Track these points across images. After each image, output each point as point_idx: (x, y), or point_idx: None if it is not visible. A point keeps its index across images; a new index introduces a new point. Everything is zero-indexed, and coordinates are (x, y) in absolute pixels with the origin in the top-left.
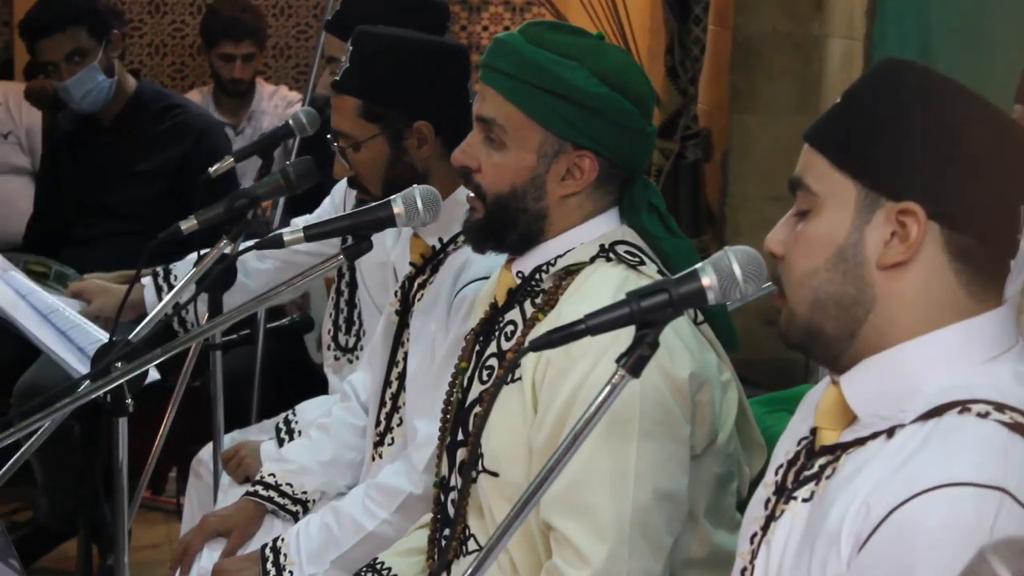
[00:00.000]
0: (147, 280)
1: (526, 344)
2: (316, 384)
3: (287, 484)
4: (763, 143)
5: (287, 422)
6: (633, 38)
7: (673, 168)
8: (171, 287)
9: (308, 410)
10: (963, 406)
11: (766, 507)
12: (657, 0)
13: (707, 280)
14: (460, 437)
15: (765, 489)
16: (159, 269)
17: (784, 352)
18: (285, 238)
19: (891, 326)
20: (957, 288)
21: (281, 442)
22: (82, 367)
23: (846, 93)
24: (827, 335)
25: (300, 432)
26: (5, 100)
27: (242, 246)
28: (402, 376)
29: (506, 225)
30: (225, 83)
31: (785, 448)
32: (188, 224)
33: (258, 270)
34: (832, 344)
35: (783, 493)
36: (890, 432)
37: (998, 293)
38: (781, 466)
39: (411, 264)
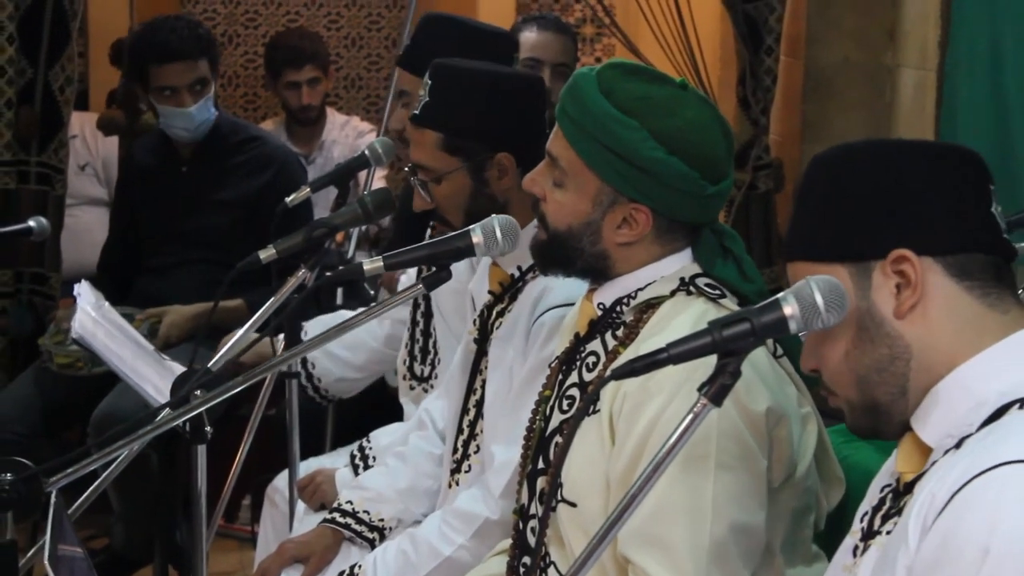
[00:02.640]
0: None
1: (608, 373)
2: (390, 412)
3: (364, 511)
4: None
5: (361, 449)
6: (705, 69)
7: (744, 199)
8: None
9: (382, 437)
10: (1022, 402)
11: (855, 554)
12: (729, 30)
13: (789, 309)
14: (541, 465)
15: (852, 537)
16: None
17: None
18: (365, 267)
19: (935, 360)
20: (976, 303)
21: (356, 469)
22: (160, 396)
23: (795, 199)
24: (882, 403)
25: (375, 459)
26: (82, 131)
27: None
28: (480, 404)
29: (567, 259)
30: (295, 112)
31: (870, 497)
32: (267, 253)
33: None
34: (891, 409)
35: (870, 536)
36: (958, 444)
37: (1015, 296)
38: (866, 513)
39: (490, 292)
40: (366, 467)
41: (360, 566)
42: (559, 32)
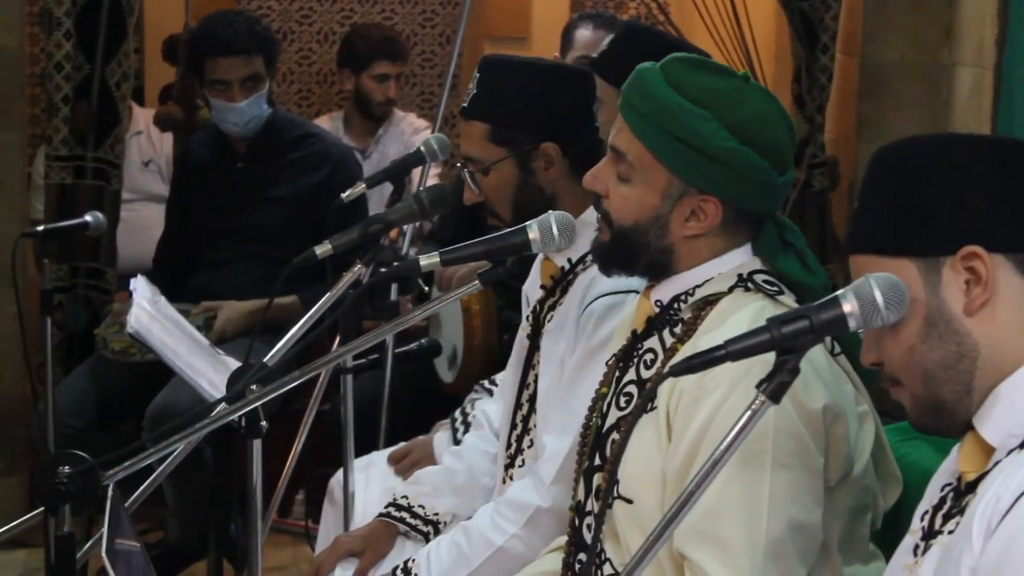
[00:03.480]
0: None
1: (666, 370)
2: (444, 408)
3: (419, 506)
4: None
5: (464, 414)
6: (760, 66)
7: (799, 197)
8: None
9: (486, 404)
10: None
11: (915, 554)
12: (784, 28)
13: (848, 307)
14: (597, 462)
15: (912, 536)
16: None
17: None
18: (422, 263)
19: (1002, 359)
20: None
21: (455, 433)
22: (214, 391)
23: (861, 192)
24: (947, 401)
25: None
26: (147, 128)
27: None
28: (532, 398)
29: (631, 255)
30: (374, 106)
31: (930, 496)
32: (323, 249)
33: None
34: (956, 407)
35: (931, 536)
36: (1023, 444)
37: None
38: (927, 512)
39: (541, 287)
40: (466, 432)
41: (415, 560)
42: (613, 30)
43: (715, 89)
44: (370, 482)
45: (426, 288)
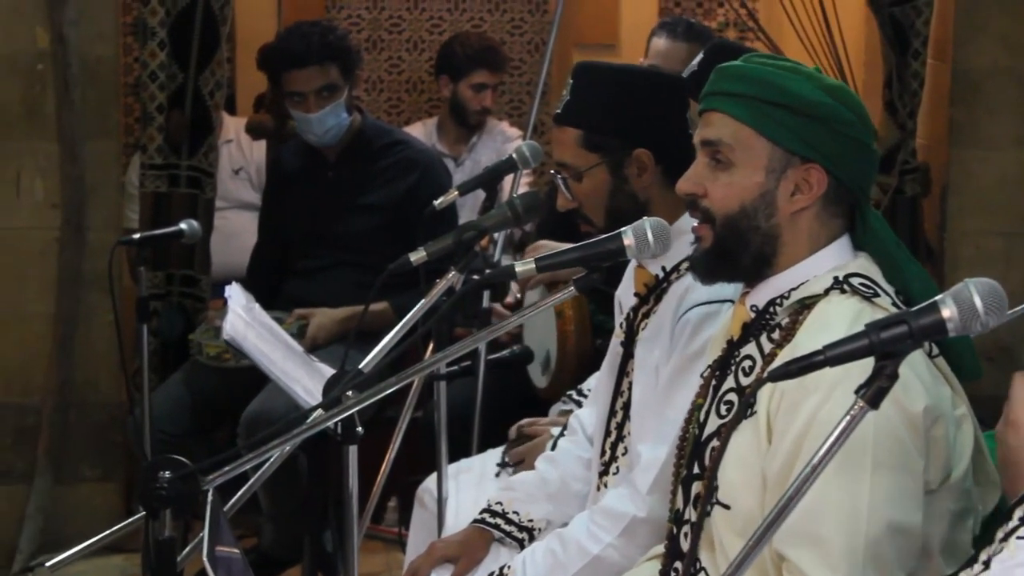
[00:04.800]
0: None
1: (765, 375)
2: (537, 413)
3: (513, 512)
4: (983, 177)
5: (579, 392)
6: (851, 72)
7: (891, 203)
8: None
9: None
10: None
11: None
12: (874, 34)
13: (947, 312)
14: (696, 471)
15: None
16: None
17: (1005, 388)
18: (517, 269)
19: None
20: None
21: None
22: (309, 397)
23: None
24: None
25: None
26: (237, 136)
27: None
28: (627, 406)
29: (738, 247)
30: (470, 114)
31: None
32: (417, 256)
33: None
34: None
35: None
36: None
37: None
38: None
39: (635, 295)
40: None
41: (509, 566)
42: (688, 40)
43: (797, 67)
44: (462, 488)
45: (518, 295)
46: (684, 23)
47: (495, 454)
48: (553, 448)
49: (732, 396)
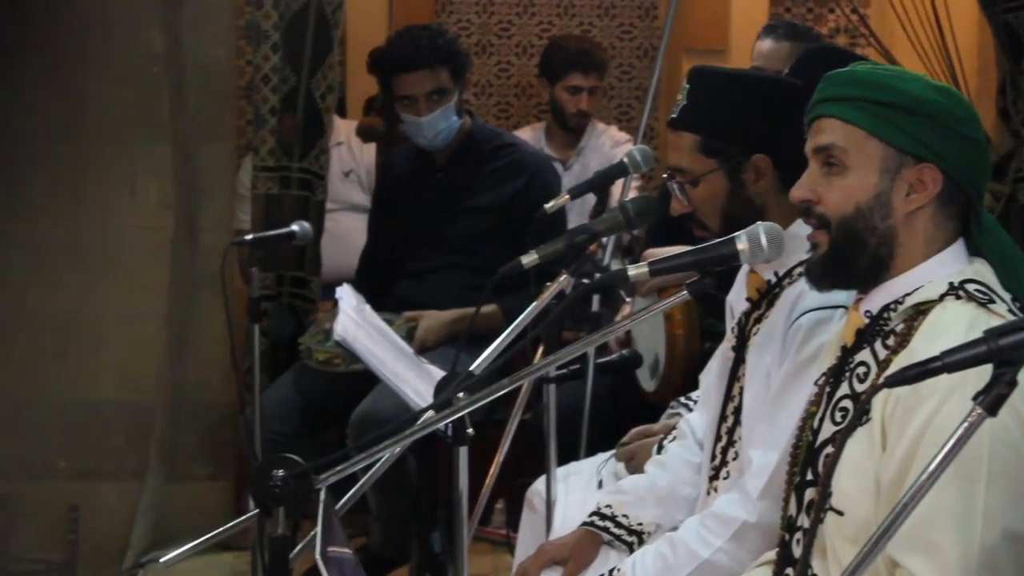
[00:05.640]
0: None
1: (880, 381)
2: (645, 418)
3: (623, 515)
4: None
5: (689, 397)
6: (963, 78)
7: (1004, 210)
8: None
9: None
10: None
11: None
12: (988, 40)
13: None
14: (809, 477)
15: None
16: None
17: None
18: (630, 273)
19: None
20: None
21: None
22: (419, 399)
23: None
24: None
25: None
26: (347, 139)
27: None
28: (737, 411)
29: (854, 250)
30: (568, 117)
31: None
32: (529, 259)
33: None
34: None
35: None
36: None
37: None
38: None
39: (747, 299)
40: (689, 411)
41: (619, 569)
42: (791, 39)
43: (906, 70)
44: (570, 491)
45: (628, 299)
46: (787, 24)
47: (604, 458)
48: (660, 452)
49: (847, 403)
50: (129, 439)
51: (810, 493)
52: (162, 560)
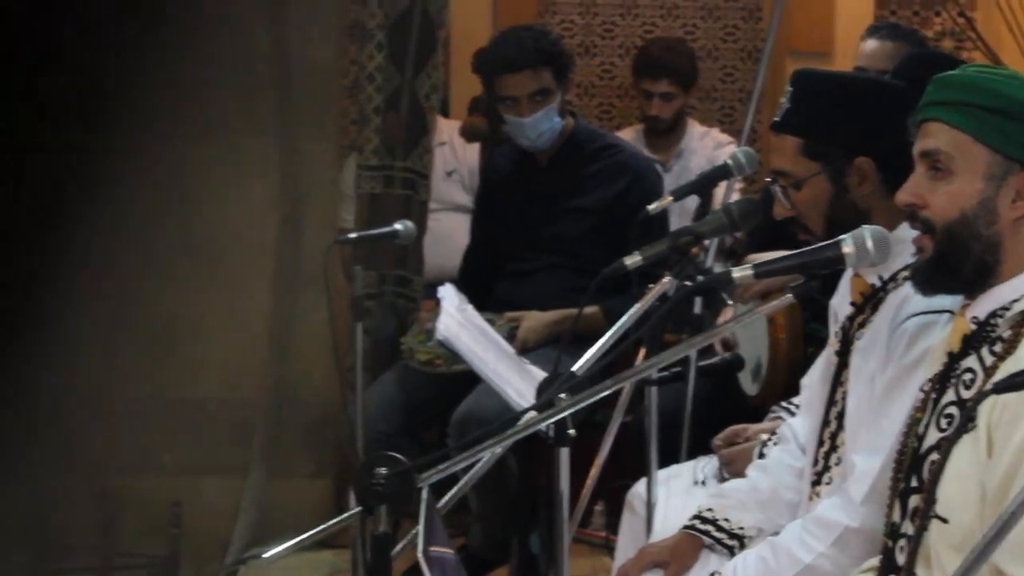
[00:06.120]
0: None
1: (988, 387)
2: (747, 420)
3: (724, 519)
4: None
5: (790, 401)
6: None
7: None
8: None
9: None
10: None
11: None
12: None
13: None
14: (914, 484)
15: None
16: None
17: None
18: (734, 275)
19: None
20: None
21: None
22: (520, 399)
23: None
24: None
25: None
26: (450, 139)
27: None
28: (841, 415)
29: (959, 256)
30: (646, 119)
31: None
32: (632, 260)
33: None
34: None
35: None
36: None
37: None
38: None
39: (851, 304)
40: (793, 416)
41: (719, 573)
42: (894, 39)
43: (1018, 73)
44: (671, 494)
45: (730, 302)
46: (891, 24)
47: (705, 461)
48: (761, 456)
49: (952, 409)
50: (232, 436)
51: (914, 500)
52: (264, 556)
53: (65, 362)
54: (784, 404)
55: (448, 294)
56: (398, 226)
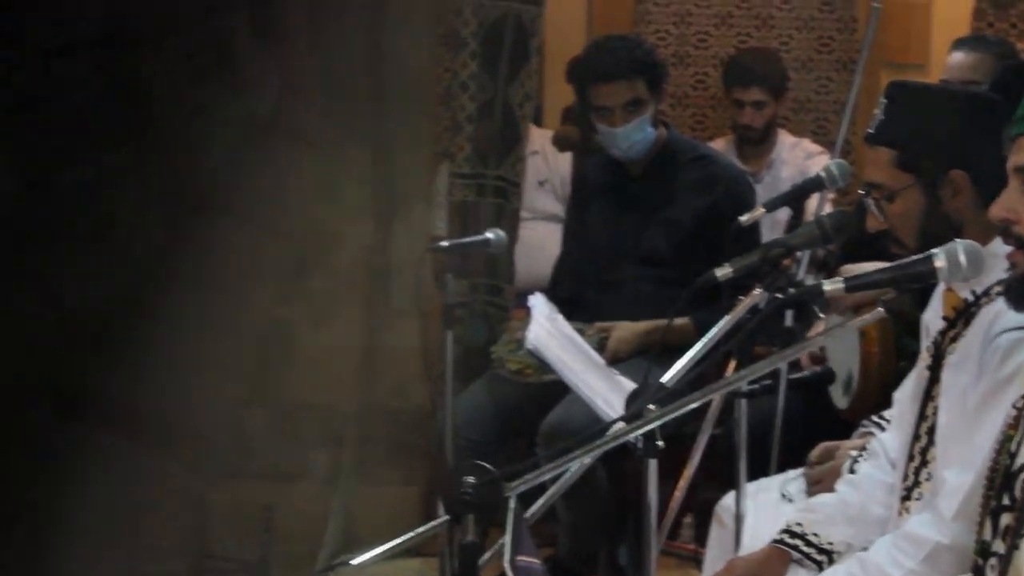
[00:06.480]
0: None
1: None
2: (837, 435)
3: (813, 534)
4: None
5: (881, 417)
6: None
7: None
8: None
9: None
10: None
11: None
12: None
13: None
14: (1006, 502)
15: None
16: None
17: None
18: (825, 288)
19: None
20: None
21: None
22: (609, 409)
23: None
24: None
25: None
26: (542, 148)
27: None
28: (932, 431)
29: None
30: (738, 128)
31: None
32: (723, 272)
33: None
34: None
35: None
36: None
37: None
38: None
39: (943, 318)
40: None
41: None
42: (981, 52)
43: None
44: (760, 508)
45: (822, 315)
46: (976, 36)
47: (793, 475)
48: (851, 471)
49: None
50: (323, 442)
51: (1006, 518)
52: (352, 563)
53: (160, 366)
54: (875, 418)
55: (539, 304)
56: (489, 235)
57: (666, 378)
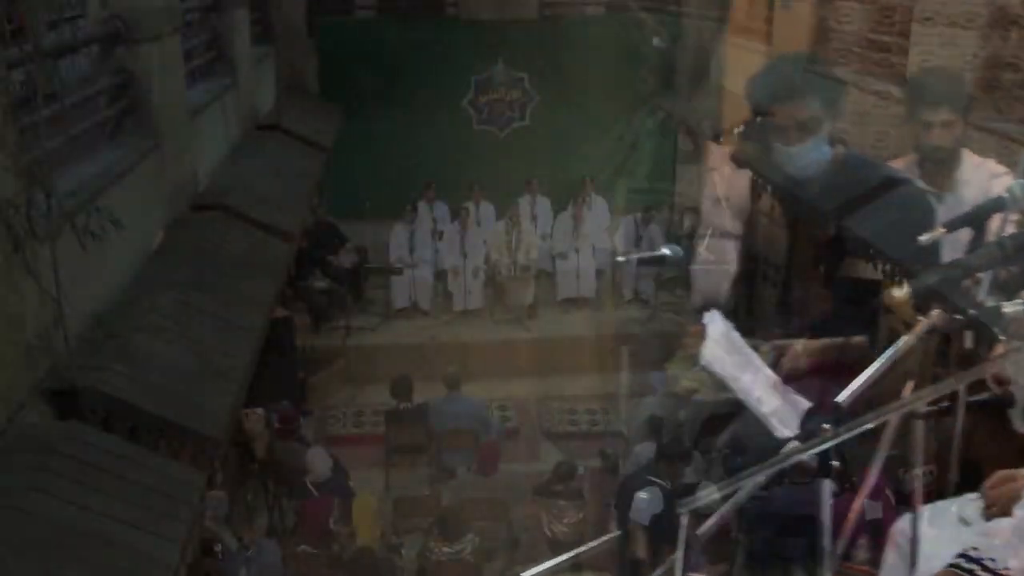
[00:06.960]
0: None
1: None
2: (1018, 460)
3: (989, 559)
4: None
5: None
6: None
7: None
8: None
9: None
10: None
11: None
12: None
13: None
14: None
15: None
16: None
17: None
18: (1005, 310)
19: None
20: None
21: None
22: (783, 427)
23: None
24: None
25: None
26: (720, 166)
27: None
28: None
29: None
30: (924, 150)
31: None
32: (901, 292)
33: None
34: None
35: None
36: None
37: None
38: None
39: None
40: None
41: None
42: None
43: None
44: (935, 530)
45: (1003, 337)
46: None
47: (971, 498)
48: None
49: None
50: None
51: None
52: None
53: None
54: None
55: (714, 320)
56: (666, 250)
57: (842, 397)
